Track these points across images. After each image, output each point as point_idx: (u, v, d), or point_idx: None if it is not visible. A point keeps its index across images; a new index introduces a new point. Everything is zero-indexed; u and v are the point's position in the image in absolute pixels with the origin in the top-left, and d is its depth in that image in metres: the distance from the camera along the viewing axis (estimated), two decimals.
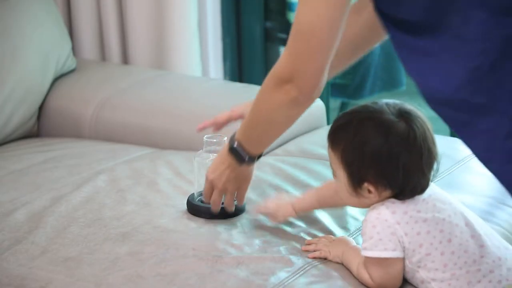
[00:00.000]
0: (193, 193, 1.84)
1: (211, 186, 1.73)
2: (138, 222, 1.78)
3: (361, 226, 1.72)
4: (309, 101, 1.54)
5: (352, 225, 1.77)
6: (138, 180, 2.00)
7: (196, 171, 1.84)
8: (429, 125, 1.54)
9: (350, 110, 1.59)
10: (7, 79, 2.39)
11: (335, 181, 1.60)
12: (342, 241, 1.65)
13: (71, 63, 2.61)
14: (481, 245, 1.54)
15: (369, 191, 1.54)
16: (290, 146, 2.26)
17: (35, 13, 2.52)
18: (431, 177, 1.55)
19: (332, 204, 1.73)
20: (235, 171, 1.69)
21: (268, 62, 3.01)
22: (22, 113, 2.43)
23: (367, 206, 1.58)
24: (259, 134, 1.65)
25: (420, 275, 1.54)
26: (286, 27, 2.93)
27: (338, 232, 1.74)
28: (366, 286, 1.57)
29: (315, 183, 1.95)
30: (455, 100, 1.34)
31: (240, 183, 1.72)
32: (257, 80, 2.88)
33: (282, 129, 1.64)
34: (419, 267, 1.54)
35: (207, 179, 1.73)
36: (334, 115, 3.06)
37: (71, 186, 1.98)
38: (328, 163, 2.08)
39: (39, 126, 2.52)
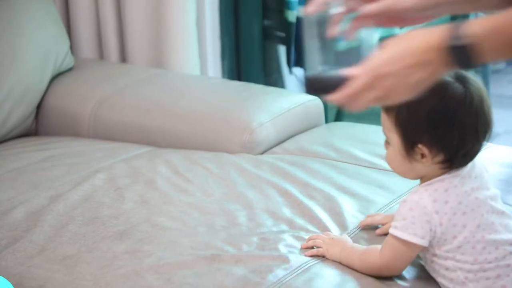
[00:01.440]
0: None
1: (369, 82, 1.28)
2: (136, 220, 1.78)
3: (362, 226, 1.74)
4: None
5: (351, 223, 1.77)
6: (137, 178, 2.00)
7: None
8: (486, 91, 1.49)
9: None
10: (6, 78, 2.39)
11: (387, 149, 1.55)
12: (340, 241, 1.65)
13: (69, 62, 2.61)
14: (511, 243, 1.53)
15: (422, 155, 1.50)
16: (289, 144, 2.26)
17: (33, 12, 2.51)
18: (483, 144, 1.51)
19: None
20: (431, 75, 1.26)
21: (266, 60, 3.01)
22: (20, 111, 2.43)
23: (417, 175, 1.55)
24: None
25: (447, 262, 1.53)
26: (284, 25, 2.93)
27: (336, 230, 1.74)
28: (366, 274, 1.56)
29: (314, 182, 1.95)
30: None
31: (412, 93, 1.29)
32: (255, 78, 2.87)
33: None
34: (447, 256, 1.52)
35: (369, 71, 1.27)
36: (332, 113, 3.05)
37: (69, 184, 1.98)
38: (327, 161, 2.10)
39: (37, 125, 2.52)
